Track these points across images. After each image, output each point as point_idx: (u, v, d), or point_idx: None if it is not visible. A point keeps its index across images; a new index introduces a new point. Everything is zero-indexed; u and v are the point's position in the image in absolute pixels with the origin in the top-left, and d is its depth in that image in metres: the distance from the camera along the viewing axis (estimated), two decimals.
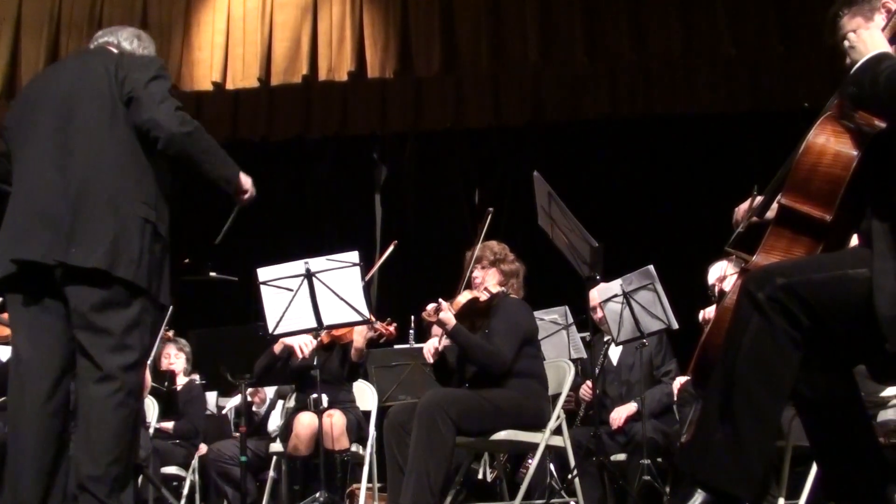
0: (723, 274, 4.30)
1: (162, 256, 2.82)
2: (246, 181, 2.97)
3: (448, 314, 3.87)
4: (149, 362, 4.44)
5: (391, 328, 4.76)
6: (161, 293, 2.81)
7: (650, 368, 4.95)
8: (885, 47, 2.12)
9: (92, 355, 2.65)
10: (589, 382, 4.90)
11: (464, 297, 4.03)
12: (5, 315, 4.35)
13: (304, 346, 4.63)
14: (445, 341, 3.99)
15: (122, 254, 2.68)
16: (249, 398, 5.65)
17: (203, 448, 5.35)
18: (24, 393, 2.69)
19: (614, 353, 5.09)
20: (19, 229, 2.74)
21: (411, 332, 5.76)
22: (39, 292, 2.74)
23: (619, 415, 4.83)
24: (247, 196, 2.99)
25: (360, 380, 4.96)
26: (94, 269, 2.64)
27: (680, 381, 4.75)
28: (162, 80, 2.82)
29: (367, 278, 4.63)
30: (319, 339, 4.24)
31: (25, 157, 2.82)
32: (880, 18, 2.23)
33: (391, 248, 5.08)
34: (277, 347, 4.73)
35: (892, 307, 1.96)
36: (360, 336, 4.66)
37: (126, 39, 3.03)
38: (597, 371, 4.91)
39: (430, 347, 4.05)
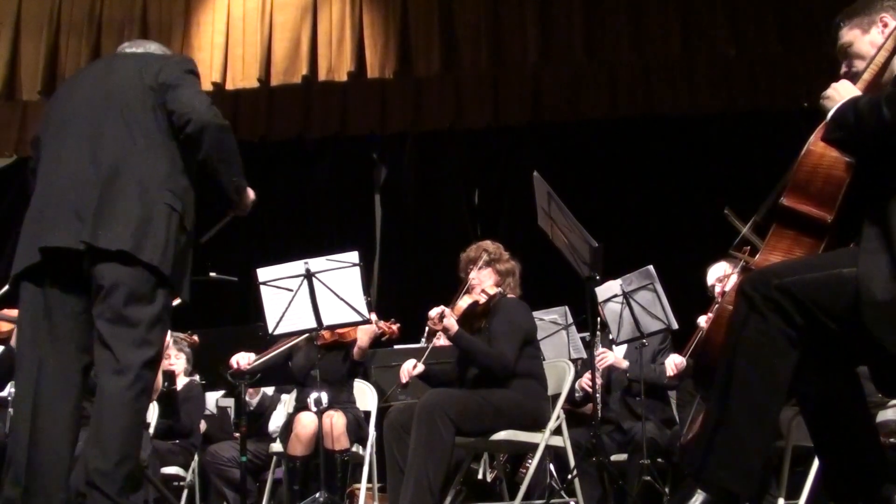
0: (723, 274, 4.31)
1: (186, 250, 2.78)
2: (250, 197, 2.99)
3: (451, 320, 3.93)
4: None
5: (394, 327, 4.78)
6: (183, 287, 2.78)
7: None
8: (855, 94, 2.19)
9: (113, 347, 2.58)
10: (588, 374, 4.89)
11: (464, 301, 4.10)
12: (6, 312, 4.36)
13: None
14: (420, 368, 4.09)
15: (147, 238, 2.64)
16: (249, 398, 5.64)
17: None
18: (41, 390, 2.61)
19: (617, 352, 5.09)
20: (48, 218, 2.68)
21: None
22: (62, 286, 2.68)
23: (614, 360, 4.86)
24: (245, 211, 3.01)
25: (359, 380, 4.97)
26: (120, 251, 2.59)
27: (674, 360, 4.69)
28: (196, 77, 2.87)
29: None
30: (320, 337, 4.24)
31: (56, 151, 2.79)
32: (876, 32, 2.30)
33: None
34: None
35: (878, 307, 1.97)
36: (364, 335, 4.67)
37: (155, 49, 3.09)
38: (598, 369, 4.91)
39: (406, 369, 4.10)
